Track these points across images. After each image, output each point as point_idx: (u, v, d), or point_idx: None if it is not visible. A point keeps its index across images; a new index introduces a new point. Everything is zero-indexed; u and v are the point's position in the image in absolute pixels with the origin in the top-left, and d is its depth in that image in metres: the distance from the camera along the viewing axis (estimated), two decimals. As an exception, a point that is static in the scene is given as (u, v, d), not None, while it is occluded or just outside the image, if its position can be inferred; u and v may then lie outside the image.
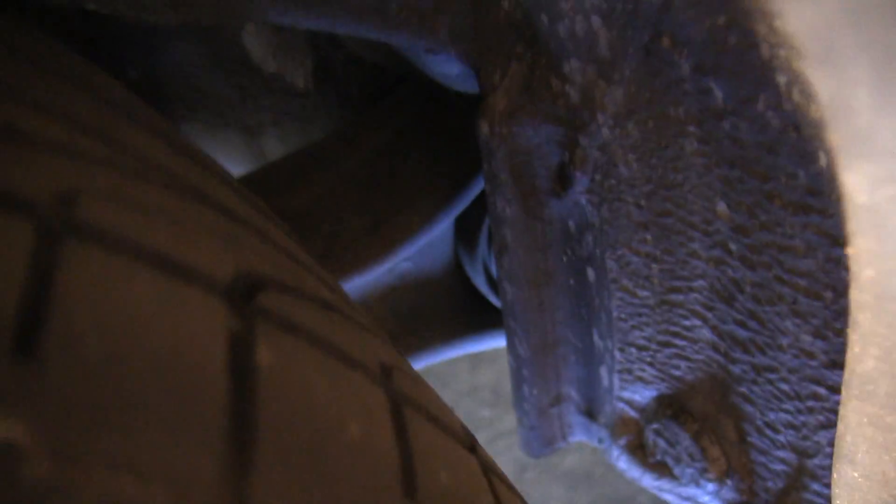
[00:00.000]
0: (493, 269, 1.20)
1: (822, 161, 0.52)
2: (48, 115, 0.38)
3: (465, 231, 1.18)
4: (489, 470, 0.47)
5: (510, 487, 0.50)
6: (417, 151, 1.06)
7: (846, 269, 0.54)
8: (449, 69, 0.88)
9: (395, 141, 1.05)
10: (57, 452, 0.25)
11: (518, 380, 0.93)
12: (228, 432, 0.30)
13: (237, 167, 1.17)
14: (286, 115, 1.10)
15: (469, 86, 0.92)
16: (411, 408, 0.42)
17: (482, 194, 1.09)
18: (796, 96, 0.51)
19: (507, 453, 2.59)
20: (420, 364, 1.24)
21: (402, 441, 0.38)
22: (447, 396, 2.55)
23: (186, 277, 0.33)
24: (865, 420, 0.59)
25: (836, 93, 0.48)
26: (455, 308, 1.27)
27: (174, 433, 0.28)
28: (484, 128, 0.74)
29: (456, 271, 1.25)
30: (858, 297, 0.54)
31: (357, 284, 1.03)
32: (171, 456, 0.28)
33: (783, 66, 0.50)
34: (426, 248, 1.17)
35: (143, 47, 1.03)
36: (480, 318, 1.30)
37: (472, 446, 0.48)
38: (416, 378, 0.49)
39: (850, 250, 0.53)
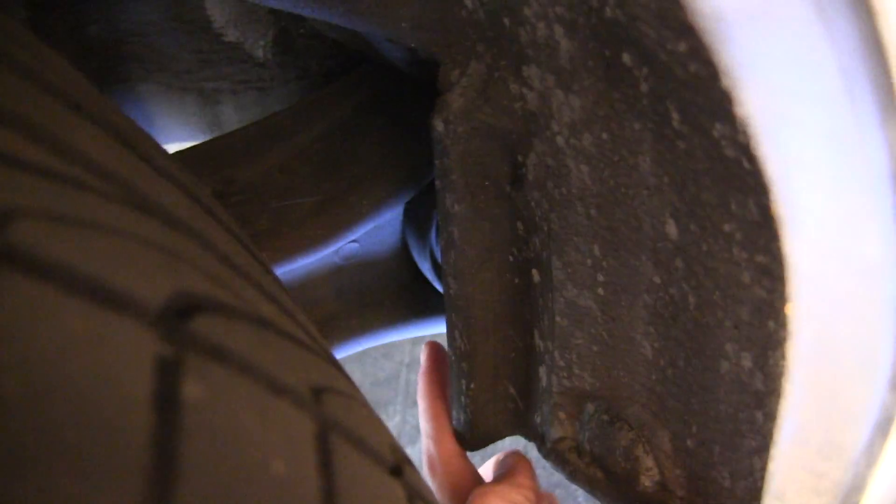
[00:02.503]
0: (440, 256, 1.20)
1: (774, 195, 0.52)
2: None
3: (415, 217, 1.18)
4: (415, 496, 0.47)
5: None
6: (373, 133, 1.05)
7: (784, 327, 0.55)
8: (409, 56, 0.87)
9: (351, 120, 1.04)
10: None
11: (457, 374, 0.93)
12: (149, 473, 0.29)
13: (192, 133, 1.16)
14: (244, 83, 1.09)
15: (427, 74, 0.92)
16: (338, 435, 0.42)
17: (434, 182, 1.09)
18: (752, 131, 0.50)
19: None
20: (362, 346, 1.24)
21: (326, 474, 0.38)
22: (389, 368, 2.56)
23: (117, 305, 0.32)
24: (798, 464, 0.60)
25: (786, 169, 0.48)
26: (400, 292, 1.27)
27: (93, 476, 0.28)
28: (439, 125, 0.73)
29: (403, 255, 1.25)
30: (796, 353, 0.54)
31: (302, 263, 1.03)
32: (88, 501, 0.27)
33: (740, 100, 0.50)
34: (374, 230, 1.16)
35: (104, 4, 1.01)
36: (425, 302, 1.30)
37: (398, 469, 0.48)
38: (349, 396, 0.48)
39: (790, 309, 0.53)
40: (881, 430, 0.55)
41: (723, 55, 0.49)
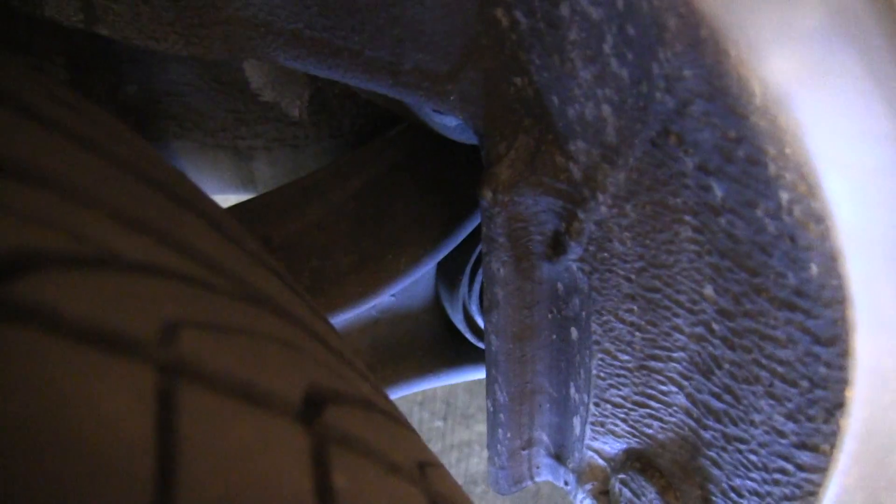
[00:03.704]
0: (472, 309, 1.23)
1: (813, 270, 0.56)
2: (130, 228, 0.40)
3: (448, 271, 1.21)
4: None
5: None
6: (409, 191, 1.08)
7: (824, 364, 0.59)
8: (448, 121, 0.91)
9: (387, 178, 1.08)
10: None
11: (494, 423, 0.96)
12: None
13: (225, 188, 1.19)
14: (278, 141, 1.12)
15: (465, 136, 0.95)
16: (445, 506, 0.45)
17: (467, 238, 1.13)
18: (797, 213, 0.54)
19: (458, 466, 2.61)
20: (397, 394, 1.27)
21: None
22: (402, 406, 2.57)
23: (268, 406, 0.36)
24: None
25: (865, 282, 0.53)
26: (433, 343, 1.30)
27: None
28: (487, 195, 0.77)
29: (435, 307, 1.28)
30: (852, 427, 0.58)
31: (341, 319, 1.06)
32: None
33: (788, 186, 0.54)
34: (409, 284, 1.19)
35: (142, 64, 1.04)
36: (457, 353, 1.33)
37: None
38: (440, 466, 0.52)
39: (850, 393, 0.57)
40: (924, 495, 0.60)
41: (771, 145, 0.53)
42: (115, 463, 0.28)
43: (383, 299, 1.16)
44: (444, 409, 2.62)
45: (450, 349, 1.33)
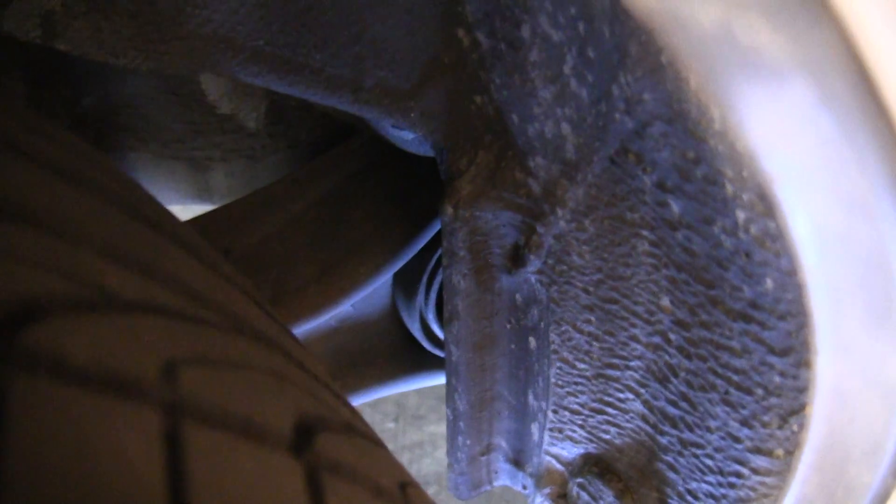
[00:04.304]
0: (429, 318, 1.25)
1: (769, 284, 0.58)
2: (120, 264, 0.41)
3: (404, 280, 1.23)
4: None
5: None
6: (367, 200, 1.09)
7: (779, 373, 0.61)
8: (405, 135, 0.92)
9: (346, 188, 1.08)
10: None
11: (454, 431, 0.98)
12: None
13: (181, 199, 1.19)
14: (235, 152, 1.12)
15: (422, 150, 0.96)
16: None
17: (423, 247, 1.14)
18: (753, 231, 0.56)
19: (410, 467, 2.62)
20: (355, 402, 1.28)
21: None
22: (353, 407, 2.58)
23: (264, 440, 0.37)
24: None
25: (828, 306, 0.55)
26: (391, 351, 1.31)
27: None
28: (448, 210, 0.78)
29: (393, 316, 1.29)
30: (812, 440, 0.61)
31: (302, 329, 1.06)
32: None
33: (745, 206, 0.55)
34: (367, 294, 1.20)
35: (99, 77, 1.04)
36: (414, 360, 1.34)
37: None
38: (417, 485, 0.53)
39: (809, 409, 0.59)
40: (879, 501, 0.62)
41: (729, 168, 0.54)
42: (132, 505, 0.29)
43: (342, 309, 1.17)
44: (395, 410, 2.63)
45: (407, 357, 1.34)
